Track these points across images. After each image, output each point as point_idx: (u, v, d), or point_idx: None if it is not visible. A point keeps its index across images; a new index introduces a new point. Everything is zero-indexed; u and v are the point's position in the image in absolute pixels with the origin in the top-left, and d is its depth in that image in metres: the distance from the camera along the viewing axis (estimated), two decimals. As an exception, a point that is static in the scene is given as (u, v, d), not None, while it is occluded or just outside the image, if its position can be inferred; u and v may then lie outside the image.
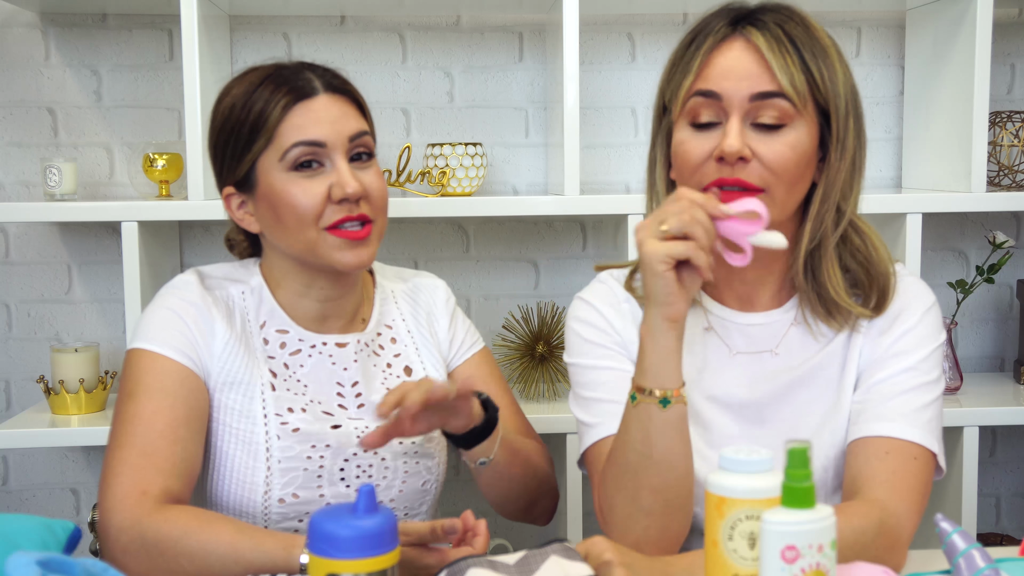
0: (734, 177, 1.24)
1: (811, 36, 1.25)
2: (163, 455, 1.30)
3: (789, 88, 1.22)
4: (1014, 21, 2.42)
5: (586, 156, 2.34)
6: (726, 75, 1.25)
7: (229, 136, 1.40)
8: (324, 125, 1.36)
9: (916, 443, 1.26)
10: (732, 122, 1.24)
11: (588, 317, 1.40)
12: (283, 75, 1.39)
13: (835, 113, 1.25)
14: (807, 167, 1.26)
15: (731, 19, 1.28)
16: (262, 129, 1.36)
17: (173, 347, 1.36)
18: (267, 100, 1.36)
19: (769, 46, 1.24)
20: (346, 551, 1.00)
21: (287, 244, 1.40)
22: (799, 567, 0.93)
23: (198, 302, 1.39)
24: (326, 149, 1.36)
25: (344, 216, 1.36)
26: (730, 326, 1.36)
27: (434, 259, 2.37)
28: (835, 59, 1.26)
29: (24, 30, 2.26)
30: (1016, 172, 2.22)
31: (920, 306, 1.35)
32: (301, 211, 1.35)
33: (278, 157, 1.36)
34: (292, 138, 1.36)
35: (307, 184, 1.36)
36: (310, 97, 1.37)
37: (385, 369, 1.48)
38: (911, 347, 1.32)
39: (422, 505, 1.48)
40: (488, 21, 2.34)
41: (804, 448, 0.95)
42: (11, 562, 0.95)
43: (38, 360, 2.31)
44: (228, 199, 1.44)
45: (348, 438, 1.40)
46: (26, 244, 2.30)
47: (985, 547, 1.08)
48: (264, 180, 1.38)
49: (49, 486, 2.35)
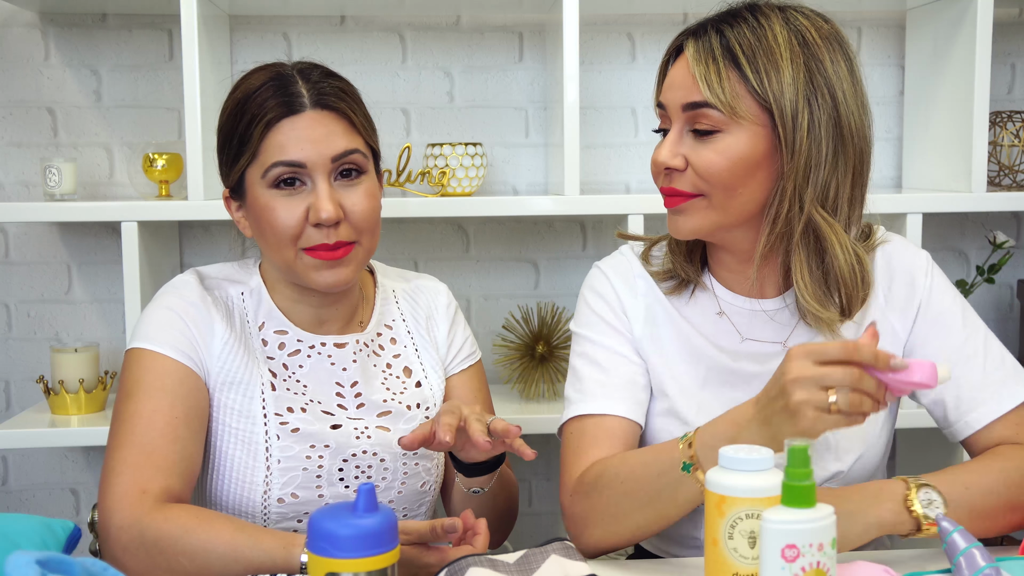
0: (669, 186, 1.31)
1: (760, 39, 1.25)
2: (162, 453, 1.30)
3: (712, 98, 1.25)
4: (1014, 21, 2.42)
5: (586, 156, 2.34)
6: (669, 87, 1.31)
7: (223, 144, 1.41)
8: (306, 145, 1.34)
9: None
10: (671, 132, 1.30)
11: (601, 289, 1.43)
12: (274, 86, 1.36)
13: (779, 116, 1.24)
14: (748, 171, 1.26)
15: (690, 30, 1.31)
16: (247, 144, 1.36)
17: (172, 346, 1.36)
18: (253, 115, 1.35)
19: (696, 57, 1.27)
20: (346, 550, 1.00)
21: (269, 255, 1.41)
22: (799, 566, 0.93)
23: (197, 302, 1.39)
24: (306, 170, 1.34)
25: (320, 242, 1.35)
26: (739, 311, 1.38)
27: (434, 259, 2.37)
28: (785, 61, 1.24)
29: (24, 30, 2.26)
30: (1016, 172, 2.22)
31: (921, 271, 1.38)
32: (280, 230, 1.35)
33: (260, 174, 1.36)
34: (273, 157, 1.34)
35: (287, 203, 1.35)
36: (296, 114, 1.35)
37: (385, 369, 1.48)
38: (946, 310, 1.36)
39: (421, 506, 1.48)
40: (488, 21, 2.34)
41: (804, 447, 0.95)
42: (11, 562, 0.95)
43: (38, 360, 2.31)
44: (227, 201, 1.45)
45: (347, 438, 1.40)
46: (26, 244, 2.30)
47: (985, 546, 1.08)
48: (251, 192, 1.38)
49: (49, 486, 2.35)
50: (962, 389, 1.34)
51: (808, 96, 1.25)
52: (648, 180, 2.38)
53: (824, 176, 1.26)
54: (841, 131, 1.26)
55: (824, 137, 1.25)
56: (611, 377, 1.38)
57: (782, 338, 1.36)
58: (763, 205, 1.29)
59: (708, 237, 1.33)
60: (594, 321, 1.41)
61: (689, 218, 1.30)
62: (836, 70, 1.26)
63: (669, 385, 1.38)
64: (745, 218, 1.30)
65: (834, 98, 1.26)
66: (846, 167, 1.28)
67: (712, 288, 1.39)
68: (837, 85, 1.26)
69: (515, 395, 2.23)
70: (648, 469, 1.24)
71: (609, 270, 1.44)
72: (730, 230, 1.31)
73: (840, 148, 1.27)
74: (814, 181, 1.26)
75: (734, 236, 1.33)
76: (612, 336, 1.40)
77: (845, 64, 1.28)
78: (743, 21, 1.28)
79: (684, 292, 1.40)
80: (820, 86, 1.25)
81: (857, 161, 1.29)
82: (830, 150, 1.26)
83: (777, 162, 1.27)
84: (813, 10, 1.32)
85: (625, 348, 1.39)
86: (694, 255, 1.40)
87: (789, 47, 1.25)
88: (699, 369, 1.38)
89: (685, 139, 1.29)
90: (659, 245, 1.45)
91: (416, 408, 1.47)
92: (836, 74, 1.26)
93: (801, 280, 1.29)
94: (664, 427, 1.39)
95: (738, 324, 1.38)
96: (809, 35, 1.27)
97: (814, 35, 1.27)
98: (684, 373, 1.38)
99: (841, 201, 1.28)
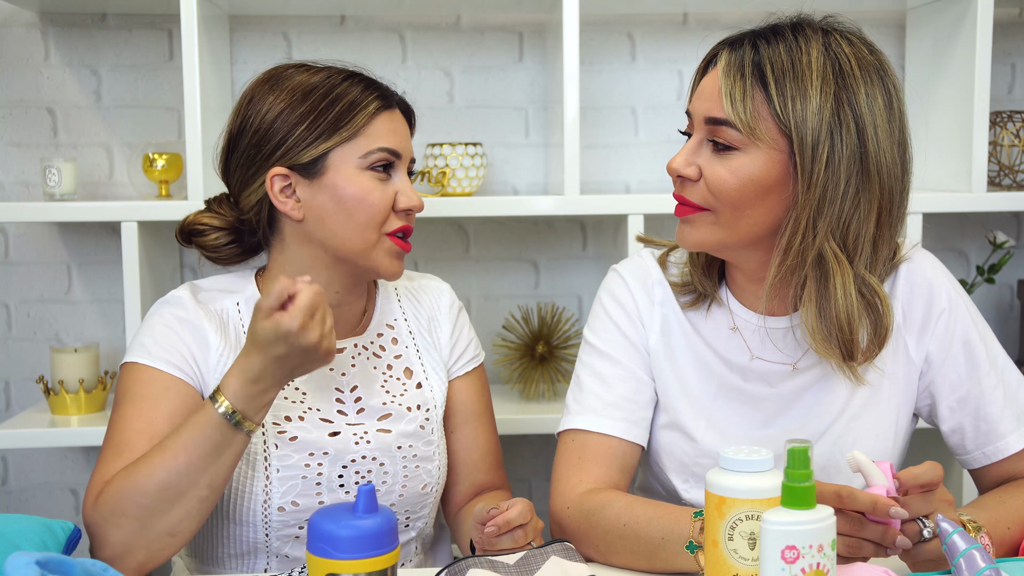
0: (680, 194, 1.30)
1: (794, 62, 1.22)
2: (136, 450, 1.29)
3: (732, 115, 1.22)
4: (1014, 21, 2.42)
5: (586, 156, 2.34)
6: (698, 96, 1.30)
7: (304, 118, 1.37)
8: (401, 138, 1.42)
9: None
10: (691, 140, 1.29)
11: (619, 295, 1.42)
12: (363, 81, 1.42)
13: (798, 143, 1.21)
14: (758, 194, 1.23)
15: (729, 40, 1.29)
16: (349, 123, 1.38)
17: (164, 359, 1.36)
18: (358, 96, 1.39)
19: (725, 71, 1.24)
20: (346, 551, 1.00)
21: (341, 238, 1.39)
22: (799, 567, 0.93)
23: (191, 317, 1.39)
24: (399, 161, 1.41)
25: (403, 225, 1.41)
26: (753, 328, 1.37)
27: (434, 259, 2.37)
28: (814, 88, 1.20)
29: (24, 30, 2.26)
30: (1016, 172, 2.22)
31: (942, 293, 1.36)
32: (375, 210, 1.38)
33: (360, 154, 1.38)
34: (378, 142, 1.39)
35: (381, 186, 1.39)
36: (391, 109, 1.42)
37: (386, 371, 1.48)
38: (970, 339, 1.36)
39: (423, 509, 1.47)
40: (488, 21, 2.34)
41: (804, 448, 0.95)
42: (10, 562, 0.95)
43: (38, 360, 2.31)
44: (274, 179, 1.39)
45: (346, 444, 1.40)
46: (26, 244, 2.30)
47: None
48: (335, 171, 1.38)
49: (49, 486, 2.35)
50: (981, 420, 1.35)
51: (832, 127, 1.20)
52: (648, 180, 2.38)
53: (844, 212, 1.22)
54: (866, 167, 1.21)
55: (844, 172, 1.20)
56: (612, 394, 1.37)
57: (793, 359, 1.35)
58: (772, 230, 1.26)
59: (714, 252, 1.32)
60: (609, 328, 1.40)
61: (695, 230, 1.29)
62: (871, 104, 1.21)
63: (678, 398, 1.38)
64: (752, 240, 1.27)
65: (862, 133, 1.21)
66: (870, 206, 1.23)
67: (727, 303, 1.38)
68: (868, 120, 1.21)
69: (515, 395, 2.23)
70: (652, 527, 1.23)
71: (628, 275, 1.42)
72: (736, 249, 1.29)
73: (864, 185, 1.22)
74: (830, 215, 1.21)
75: (741, 256, 1.31)
76: (623, 348, 1.39)
77: (883, 98, 1.23)
78: (781, 39, 1.24)
79: (701, 306, 1.39)
80: (848, 119, 1.20)
81: (884, 201, 1.24)
82: (851, 186, 1.21)
83: (792, 190, 1.23)
84: (863, 38, 1.27)
85: (634, 362, 1.39)
86: (712, 268, 1.38)
87: (822, 75, 1.21)
88: (710, 385, 1.37)
89: (703, 150, 1.27)
90: (678, 251, 1.44)
91: (416, 410, 1.46)
92: (870, 108, 1.21)
93: (807, 311, 1.26)
94: (669, 440, 1.39)
95: (749, 341, 1.36)
96: (847, 64, 1.22)
97: (852, 65, 1.22)
98: (695, 387, 1.38)
99: (862, 241, 1.24)
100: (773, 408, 1.36)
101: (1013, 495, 1.30)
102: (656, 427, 1.40)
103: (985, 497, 1.32)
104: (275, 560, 1.40)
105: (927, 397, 1.38)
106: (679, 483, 1.39)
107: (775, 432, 1.35)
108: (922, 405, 1.39)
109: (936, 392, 1.37)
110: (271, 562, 1.40)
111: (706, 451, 1.36)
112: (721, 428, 1.36)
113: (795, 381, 1.35)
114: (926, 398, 1.38)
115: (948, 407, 1.36)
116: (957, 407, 1.36)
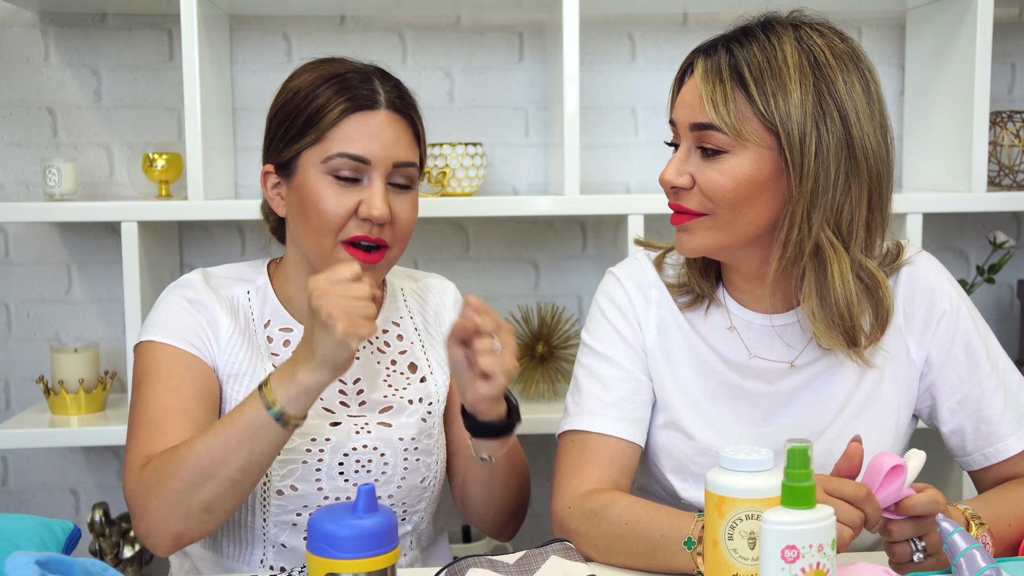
0: (676, 203, 1.30)
1: (770, 60, 1.23)
2: (170, 424, 1.31)
3: (717, 120, 1.23)
4: (1014, 21, 2.42)
5: (586, 156, 2.34)
6: (680, 104, 1.30)
7: (284, 120, 1.40)
8: (374, 143, 1.36)
9: None
10: (679, 150, 1.29)
11: (616, 297, 1.42)
12: (352, 79, 1.39)
13: (786, 139, 1.22)
14: (753, 192, 1.24)
15: (702, 48, 1.30)
16: (315, 126, 1.37)
17: (179, 337, 1.38)
18: (327, 100, 1.37)
19: (703, 77, 1.26)
20: (346, 551, 1.00)
21: (303, 241, 1.41)
22: (799, 567, 0.93)
23: (202, 299, 1.41)
24: (368, 167, 1.36)
25: (363, 235, 1.36)
26: (750, 327, 1.37)
27: (434, 259, 2.37)
28: (794, 83, 1.22)
29: (24, 30, 2.26)
30: (1016, 172, 2.22)
31: (944, 296, 1.37)
32: (326, 216, 1.36)
33: (321, 159, 1.36)
34: (339, 147, 1.36)
35: (340, 193, 1.36)
36: (370, 110, 1.37)
37: (389, 366, 1.49)
38: (972, 341, 1.36)
39: (421, 502, 1.48)
40: (488, 21, 2.34)
41: (804, 448, 0.95)
42: (10, 562, 0.95)
43: (38, 360, 2.31)
44: (266, 175, 1.44)
45: (347, 434, 1.41)
46: (26, 244, 2.30)
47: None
48: (302, 172, 1.38)
49: (49, 486, 2.35)
50: (982, 422, 1.35)
51: (817, 119, 1.22)
52: (648, 180, 2.38)
53: (835, 200, 1.23)
54: (853, 154, 1.23)
55: (834, 160, 1.22)
56: (611, 395, 1.38)
57: (791, 358, 1.36)
58: (770, 226, 1.27)
59: (714, 256, 1.32)
60: (606, 330, 1.41)
61: (694, 236, 1.29)
62: (850, 91, 1.23)
63: (676, 398, 1.38)
64: (751, 238, 1.28)
65: (845, 120, 1.23)
66: (860, 190, 1.25)
67: (725, 303, 1.39)
68: (850, 107, 1.23)
69: (515, 395, 2.22)
70: (652, 526, 1.24)
71: (624, 277, 1.43)
72: (736, 250, 1.30)
73: (852, 171, 1.24)
74: (823, 205, 1.23)
75: (740, 256, 1.31)
76: (621, 349, 1.40)
77: (860, 84, 1.24)
78: (754, 40, 1.25)
79: (699, 307, 1.40)
80: (830, 108, 1.22)
81: (874, 184, 1.26)
82: (841, 173, 1.23)
83: (785, 184, 1.24)
84: (832, 27, 1.28)
85: (632, 363, 1.39)
86: (709, 270, 1.39)
87: (799, 69, 1.23)
88: (708, 383, 1.38)
89: (692, 158, 1.28)
90: (674, 253, 1.44)
91: (418, 402, 1.47)
92: (849, 95, 1.23)
93: (809, 303, 1.27)
94: (668, 439, 1.39)
95: (747, 340, 1.37)
96: (822, 55, 1.24)
97: (827, 55, 1.24)
98: (693, 385, 1.38)
99: (856, 226, 1.25)
100: (771, 406, 1.36)
101: (1016, 492, 1.31)
102: (654, 427, 1.40)
103: (988, 493, 1.33)
104: (272, 551, 1.41)
105: (928, 399, 1.39)
106: (677, 483, 1.39)
107: (772, 430, 1.35)
108: (922, 407, 1.40)
109: (937, 394, 1.37)
110: (268, 552, 1.41)
111: (704, 449, 1.36)
112: (719, 426, 1.37)
113: (793, 379, 1.36)
114: (927, 399, 1.39)
115: (948, 409, 1.37)
116: (958, 409, 1.36)
